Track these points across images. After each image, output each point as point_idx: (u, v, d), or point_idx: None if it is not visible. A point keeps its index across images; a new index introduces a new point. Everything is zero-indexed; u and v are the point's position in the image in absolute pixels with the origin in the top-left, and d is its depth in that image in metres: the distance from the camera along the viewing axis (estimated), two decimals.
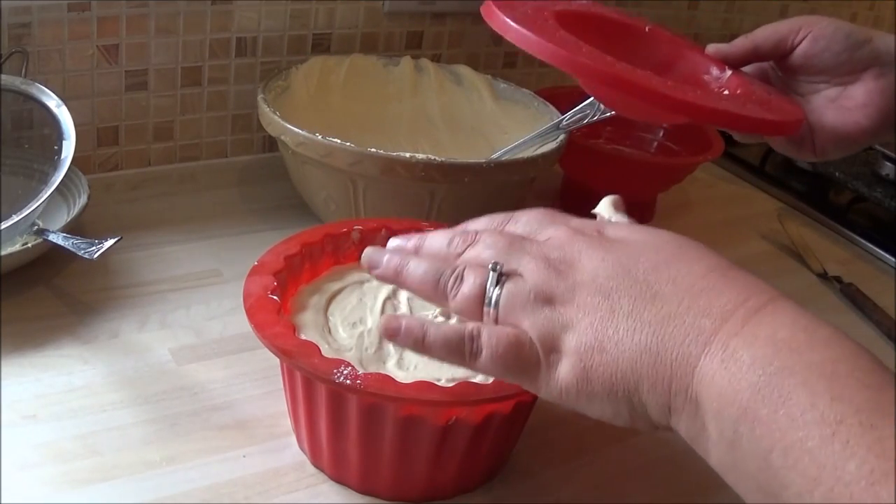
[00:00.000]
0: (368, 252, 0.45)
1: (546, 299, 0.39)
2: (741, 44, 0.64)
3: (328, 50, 0.89)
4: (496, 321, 0.40)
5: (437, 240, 0.44)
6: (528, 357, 0.39)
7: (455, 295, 0.41)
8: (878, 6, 1.41)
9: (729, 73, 0.63)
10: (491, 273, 0.40)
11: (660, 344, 0.36)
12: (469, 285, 0.41)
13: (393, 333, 0.42)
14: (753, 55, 0.64)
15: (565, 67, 0.55)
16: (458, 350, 0.40)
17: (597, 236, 0.41)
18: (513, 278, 0.40)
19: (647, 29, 0.68)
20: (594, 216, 0.48)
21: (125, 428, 0.53)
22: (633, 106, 0.64)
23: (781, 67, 0.65)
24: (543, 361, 0.39)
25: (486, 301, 0.40)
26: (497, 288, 0.40)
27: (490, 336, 0.40)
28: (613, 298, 0.38)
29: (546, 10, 0.60)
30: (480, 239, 0.43)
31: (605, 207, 0.49)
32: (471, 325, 0.40)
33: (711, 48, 0.65)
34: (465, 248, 0.43)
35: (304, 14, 0.86)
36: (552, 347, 0.39)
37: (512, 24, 0.56)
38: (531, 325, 0.39)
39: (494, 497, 0.53)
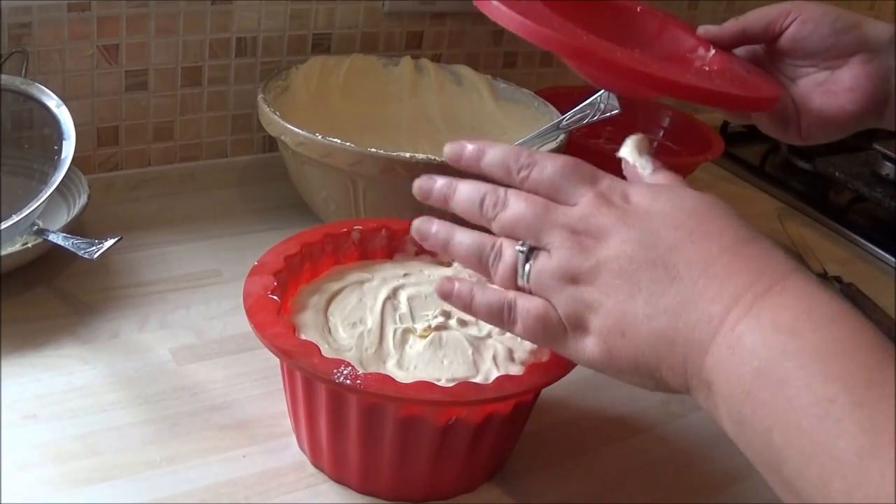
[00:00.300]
0: (418, 224, 0.49)
1: (571, 278, 0.42)
2: (731, 26, 0.66)
3: (328, 50, 0.89)
4: (530, 293, 0.44)
5: (466, 194, 0.47)
6: (555, 330, 0.43)
7: (496, 272, 0.45)
8: (878, 6, 1.41)
9: (713, 52, 0.64)
10: (519, 254, 0.44)
11: (675, 332, 0.39)
12: (505, 263, 0.45)
13: (446, 295, 0.47)
14: (743, 37, 0.65)
15: (536, 41, 0.56)
16: (499, 316, 0.45)
17: (622, 206, 0.43)
18: (541, 254, 0.43)
19: (638, 9, 0.68)
20: (619, 160, 0.50)
21: (125, 428, 0.53)
22: (608, 80, 0.64)
23: (770, 50, 0.66)
24: (571, 335, 0.43)
25: (519, 275, 0.44)
26: (527, 264, 0.44)
27: (522, 308, 0.44)
28: (633, 282, 0.40)
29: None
30: (510, 203, 0.45)
31: (629, 151, 0.49)
32: (510, 295, 0.44)
33: (702, 29, 0.67)
34: (496, 214, 0.45)
35: (304, 14, 0.86)
36: (577, 325, 0.42)
37: (503, 7, 0.56)
38: (558, 301, 0.43)
39: (494, 497, 0.53)
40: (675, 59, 0.65)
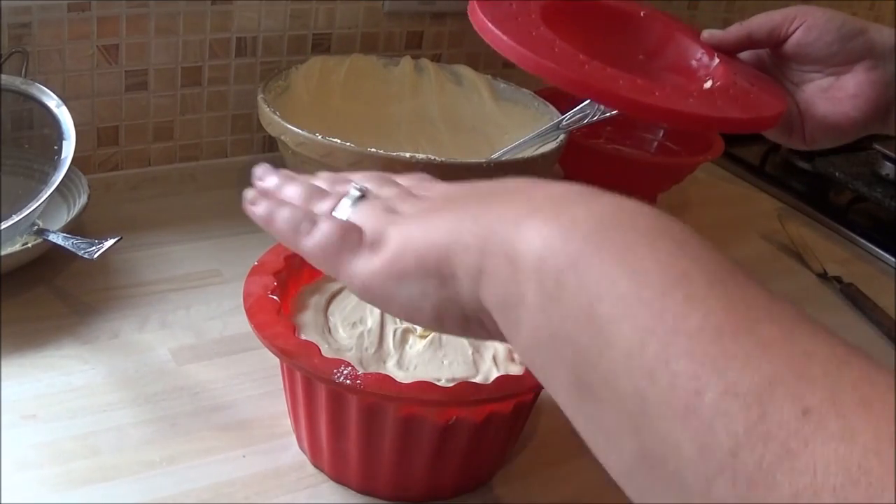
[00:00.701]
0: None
1: (391, 209, 0.39)
2: (735, 31, 0.65)
3: (328, 50, 0.89)
4: None
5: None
6: (350, 241, 0.39)
7: (320, 210, 0.41)
8: (878, 6, 1.41)
9: (717, 61, 0.64)
10: (352, 190, 0.41)
11: (481, 212, 0.35)
12: (328, 206, 0.41)
13: (252, 215, 0.42)
14: (747, 42, 0.65)
15: (532, 70, 0.55)
16: (295, 228, 0.40)
17: (427, 188, 0.42)
18: (369, 198, 0.41)
19: (642, 14, 0.67)
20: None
21: (125, 428, 0.53)
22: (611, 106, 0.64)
23: (775, 55, 0.65)
24: (366, 247, 0.38)
25: (341, 211, 0.40)
26: (352, 206, 0.40)
27: (326, 223, 0.39)
28: (451, 201, 0.38)
29: (532, 4, 0.60)
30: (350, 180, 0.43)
31: None
32: (316, 211, 0.41)
33: (706, 34, 0.66)
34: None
35: (304, 14, 0.86)
36: (377, 236, 0.38)
37: (490, 25, 0.55)
38: (366, 221, 0.39)
39: (494, 497, 0.53)
40: (679, 71, 0.64)
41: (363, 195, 0.41)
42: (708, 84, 0.62)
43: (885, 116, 0.62)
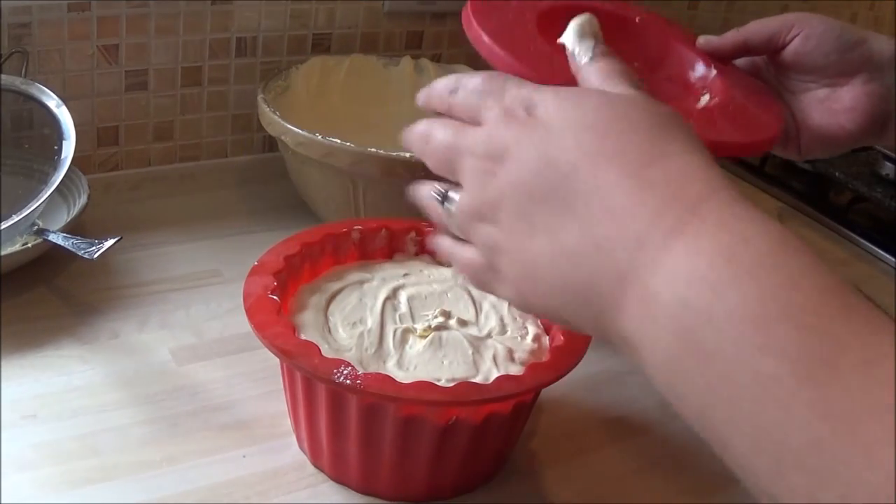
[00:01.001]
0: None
1: (479, 215, 0.39)
2: (732, 37, 0.64)
3: (328, 50, 0.89)
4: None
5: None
6: (485, 276, 0.40)
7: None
8: (878, 6, 1.41)
9: (714, 72, 0.62)
10: (435, 199, 0.42)
11: (580, 282, 0.34)
12: (430, 213, 0.43)
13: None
14: (744, 49, 0.64)
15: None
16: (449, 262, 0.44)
17: (523, 120, 0.38)
18: (456, 192, 0.41)
19: (637, 20, 0.65)
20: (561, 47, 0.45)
21: (125, 428, 0.53)
22: None
23: (772, 63, 0.64)
24: (495, 280, 0.40)
25: (446, 223, 0.42)
26: (445, 207, 0.41)
27: (457, 259, 0.42)
28: (529, 219, 0.36)
29: (529, 11, 0.59)
30: (431, 135, 0.42)
31: (570, 37, 0.44)
32: (446, 245, 0.43)
33: (702, 40, 0.64)
34: (424, 149, 0.43)
35: (304, 14, 0.86)
36: (494, 269, 0.39)
37: (486, 38, 0.54)
38: (476, 245, 0.40)
39: (494, 497, 0.53)
40: (676, 81, 0.62)
41: (444, 194, 0.41)
42: (705, 99, 0.60)
43: (881, 129, 0.61)
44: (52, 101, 0.69)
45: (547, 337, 0.55)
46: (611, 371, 0.66)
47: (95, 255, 0.61)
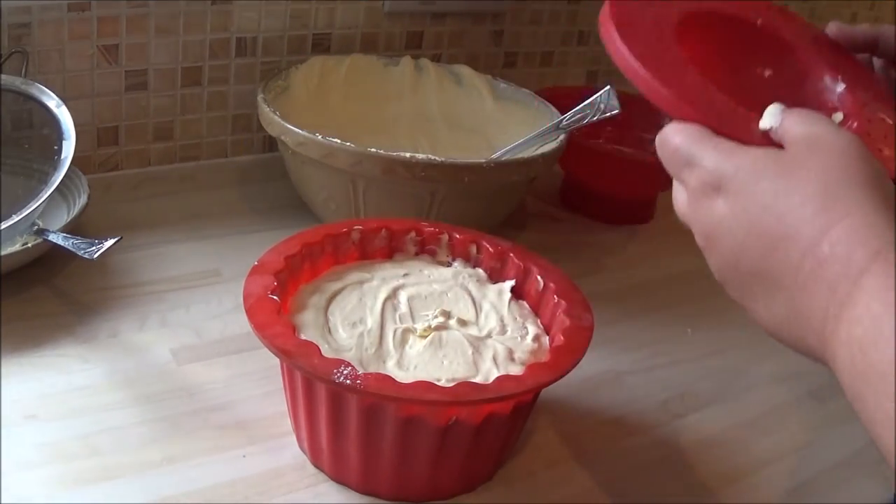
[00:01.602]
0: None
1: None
2: (864, 31, 0.60)
3: (328, 50, 0.89)
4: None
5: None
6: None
7: None
8: (878, 6, 1.41)
9: (843, 85, 0.58)
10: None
11: (797, 339, 0.40)
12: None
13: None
14: (872, 47, 0.60)
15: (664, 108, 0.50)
16: None
17: (713, 205, 0.43)
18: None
19: (758, 22, 0.60)
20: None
21: (125, 428, 0.53)
22: None
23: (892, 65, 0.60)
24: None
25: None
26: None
27: None
28: (748, 289, 0.42)
29: (668, 18, 0.55)
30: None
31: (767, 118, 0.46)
32: None
33: (833, 26, 0.60)
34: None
35: (304, 14, 0.86)
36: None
37: (624, 49, 0.50)
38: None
39: (494, 497, 0.53)
40: (805, 95, 0.58)
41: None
42: (838, 118, 0.56)
43: None
44: (52, 101, 0.69)
45: (547, 337, 0.55)
46: (611, 371, 0.66)
47: (95, 255, 0.61)
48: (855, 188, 0.38)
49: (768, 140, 0.45)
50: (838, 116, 0.56)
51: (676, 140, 0.45)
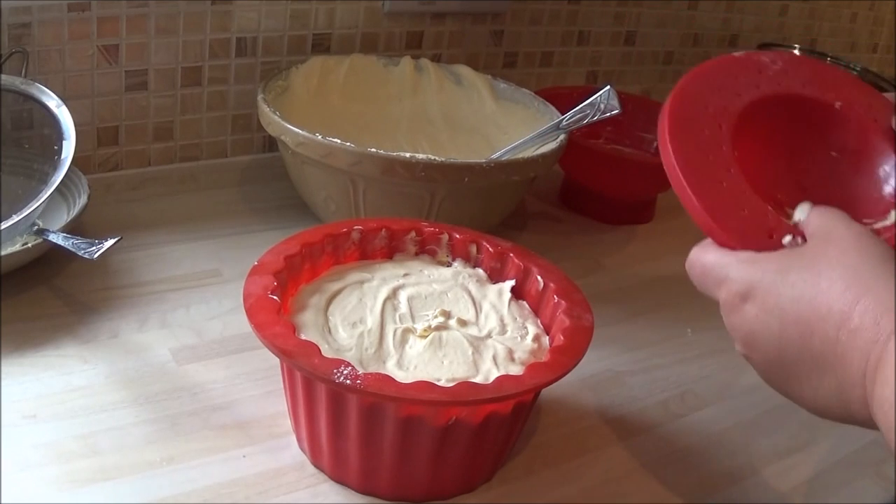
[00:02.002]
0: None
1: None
2: None
3: (328, 50, 0.89)
4: None
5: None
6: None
7: None
8: (877, 6, 1.41)
9: None
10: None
11: (841, 410, 0.43)
12: None
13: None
14: None
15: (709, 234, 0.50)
16: None
17: (743, 313, 0.46)
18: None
19: (837, 106, 0.57)
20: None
21: (125, 428, 0.53)
22: None
23: None
24: None
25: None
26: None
27: None
28: (794, 376, 0.44)
29: (726, 115, 0.53)
30: None
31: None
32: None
33: None
34: None
35: (304, 14, 0.86)
36: None
37: (676, 166, 0.50)
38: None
39: (494, 497, 0.53)
40: (867, 185, 0.56)
41: None
42: (891, 219, 0.53)
43: None
44: (52, 101, 0.69)
45: (547, 337, 0.55)
46: (611, 371, 0.66)
47: (95, 255, 0.61)
48: (873, 267, 0.42)
49: (799, 231, 0.48)
50: (892, 217, 0.54)
51: (703, 261, 0.48)
